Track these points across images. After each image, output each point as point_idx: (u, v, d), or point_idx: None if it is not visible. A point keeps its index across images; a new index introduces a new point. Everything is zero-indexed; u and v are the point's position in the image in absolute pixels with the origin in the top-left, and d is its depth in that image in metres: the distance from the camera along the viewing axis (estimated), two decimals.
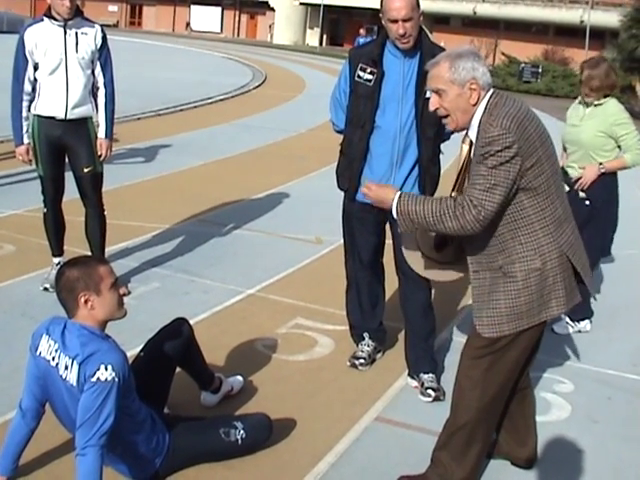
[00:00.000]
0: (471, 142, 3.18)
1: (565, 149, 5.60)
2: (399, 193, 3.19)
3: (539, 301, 3.17)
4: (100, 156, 5.40)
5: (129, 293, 3.36)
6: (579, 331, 5.52)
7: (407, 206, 3.14)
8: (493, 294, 3.21)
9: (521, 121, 3.03)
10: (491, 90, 3.16)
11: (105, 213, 5.58)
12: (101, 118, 5.42)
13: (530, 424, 3.70)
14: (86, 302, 3.10)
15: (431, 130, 4.20)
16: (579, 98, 5.56)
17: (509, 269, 3.17)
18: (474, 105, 3.13)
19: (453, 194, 3.26)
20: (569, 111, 5.64)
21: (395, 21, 4.05)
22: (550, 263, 3.15)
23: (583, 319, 5.55)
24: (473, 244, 3.28)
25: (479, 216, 3.02)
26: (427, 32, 4.30)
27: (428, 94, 4.13)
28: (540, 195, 3.11)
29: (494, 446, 3.75)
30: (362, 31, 25.78)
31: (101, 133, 5.41)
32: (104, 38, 5.32)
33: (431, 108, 3.26)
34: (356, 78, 4.26)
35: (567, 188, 5.18)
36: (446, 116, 3.22)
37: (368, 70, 4.22)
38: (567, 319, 5.52)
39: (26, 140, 5.32)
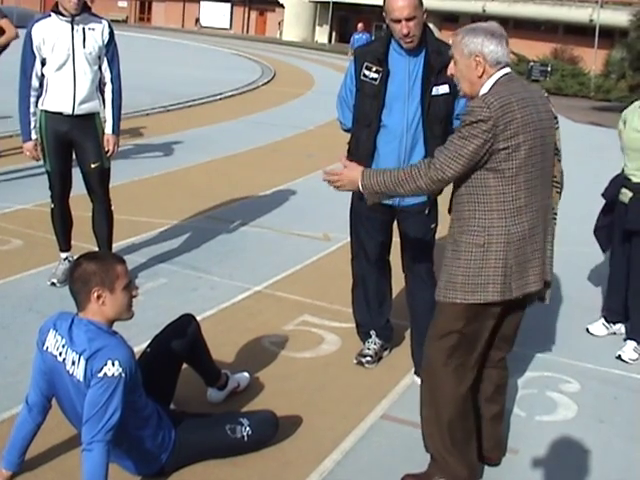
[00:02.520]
0: None
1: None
2: (362, 169, 3.38)
3: (476, 279, 3.20)
4: (107, 152, 5.40)
5: (137, 289, 3.36)
6: (614, 333, 5.38)
7: (370, 179, 3.32)
8: (445, 259, 3.33)
9: (509, 103, 3.09)
10: (505, 70, 3.22)
11: (112, 208, 5.60)
12: (108, 114, 5.42)
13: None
14: (98, 297, 3.10)
15: (438, 128, 4.18)
16: None
17: (457, 238, 3.26)
18: (479, 77, 3.22)
19: None
20: (628, 115, 5.12)
21: (398, 21, 4.03)
22: (495, 246, 3.17)
23: (620, 322, 5.38)
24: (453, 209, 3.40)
25: (436, 177, 3.16)
26: (431, 29, 4.27)
27: (434, 91, 4.14)
28: (506, 179, 3.15)
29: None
30: (360, 25, 25.41)
31: (108, 129, 5.41)
32: (111, 33, 5.32)
33: (448, 73, 3.39)
34: (362, 77, 4.24)
35: (630, 194, 5.02)
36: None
37: (374, 69, 4.20)
38: (603, 320, 5.41)
39: (33, 136, 5.32)
